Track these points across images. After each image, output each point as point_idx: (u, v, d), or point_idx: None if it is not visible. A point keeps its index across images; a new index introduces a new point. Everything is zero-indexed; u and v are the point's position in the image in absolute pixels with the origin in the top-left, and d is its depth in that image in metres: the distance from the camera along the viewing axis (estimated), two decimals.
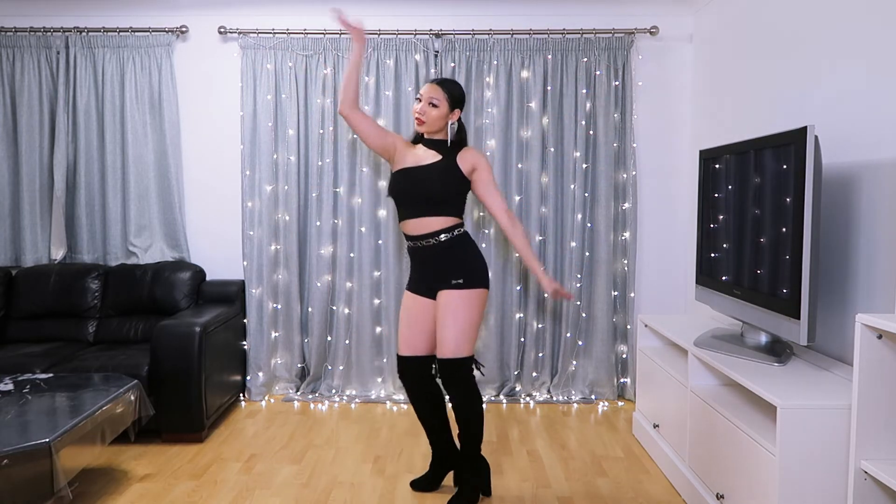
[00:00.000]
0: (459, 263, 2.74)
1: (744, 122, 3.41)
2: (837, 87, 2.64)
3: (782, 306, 2.42)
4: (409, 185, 2.76)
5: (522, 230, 2.86)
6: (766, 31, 3.19)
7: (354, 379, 4.14)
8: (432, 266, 2.77)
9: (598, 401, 4.08)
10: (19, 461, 2.21)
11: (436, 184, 2.72)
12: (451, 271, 2.72)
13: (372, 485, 2.97)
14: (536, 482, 3.00)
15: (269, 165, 4.06)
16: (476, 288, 2.74)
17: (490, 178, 2.80)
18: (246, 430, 3.62)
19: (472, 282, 2.73)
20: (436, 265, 2.75)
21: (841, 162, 2.59)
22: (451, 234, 2.74)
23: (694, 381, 2.79)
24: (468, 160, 2.78)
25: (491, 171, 2.82)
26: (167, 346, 3.37)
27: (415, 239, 2.77)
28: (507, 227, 2.82)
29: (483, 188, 2.80)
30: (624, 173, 4.06)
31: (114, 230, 4.09)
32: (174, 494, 2.87)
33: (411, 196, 2.75)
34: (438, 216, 2.73)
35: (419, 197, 2.74)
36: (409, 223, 2.78)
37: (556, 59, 4.00)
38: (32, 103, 4.03)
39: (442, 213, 2.73)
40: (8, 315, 3.92)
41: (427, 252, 2.76)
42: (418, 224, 2.75)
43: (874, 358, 1.86)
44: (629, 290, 4.10)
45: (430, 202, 2.73)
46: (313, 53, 4.04)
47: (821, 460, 2.09)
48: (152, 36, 4.05)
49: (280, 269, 4.13)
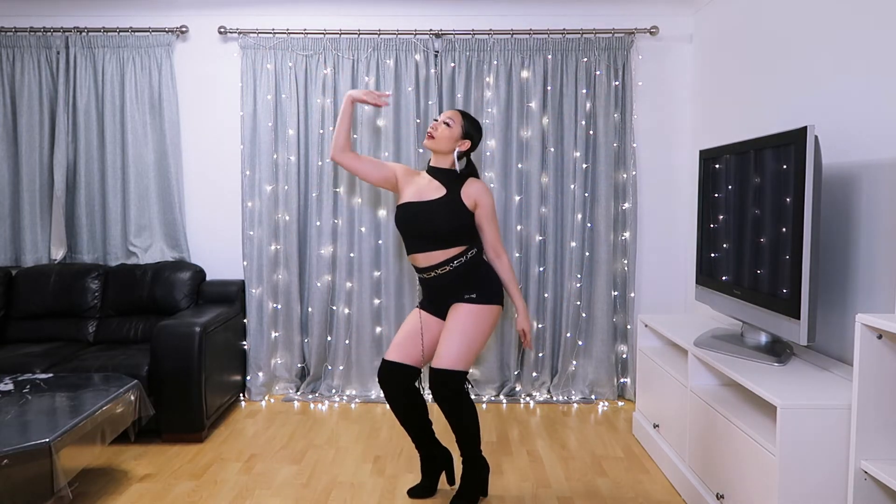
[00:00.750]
0: (472, 280, 2.72)
1: (744, 122, 3.41)
2: (837, 87, 2.64)
3: (782, 306, 2.42)
4: (415, 221, 2.73)
5: (508, 264, 2.80)
6: (766, 31, 3.19)
7: (354, 379, 4.14)
8: (445, 289, 2.74)
9: (598, 401, 4.08)
10: (19, 461, 2.21)
11: (443, 221, 2.69)
12: (465, 288, 2.71)
13: (372, 485, 2.97)
14: (536, 482, 3.00)
15: (269, 165, 4.06)
16: (489, 304, 2.71)
17: (488, 214, 2.76)
18: (246, 430, 3.62)
19: (485, 297, 2.70)
20: (449, 287, 2.73)
21: (841, 162, 2.59)
22: (462, 259, 2.72)
23: (694, 381, 2.79)
24: (471, 195, 2.74)
25: (492, 206, 2.77)
26: (167, 346, 3.37)
27: (426, 270, 2.74)
28: (493, 259, 2.80)
29: (480, 221, 2.77)
30: (624, 173, 4.06)
31: (114, 230, 4.09)
32: (174, 494, 2.87)
33: (418, 232, 2.73)
34: (448, 249, 2.71)
35: (426, 233, 2.71)
36: (419, 257, 2.75)
37: (556, 59, 4.00)
38: (32, 103, 4.03)
39: (451, 246, 2.72)
40: (8, 315, 3.92)
41: (440, 279, 2.73)
42: (428, 257, 2.73)
43: (874, 358, 1.86)
44: (629, 290, 4.10)
45: (438, 238, 2.70)
46: (313, 53, 4.04)
47: (821, 460, 2.09)
48: (152, 36, 4.05)
49: (280, 269, 4.13)
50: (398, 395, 2.74)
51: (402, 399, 2.75)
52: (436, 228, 2.69)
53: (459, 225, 2.72)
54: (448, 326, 2.68)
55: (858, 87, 2.51)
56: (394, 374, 2.74)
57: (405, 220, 2.76)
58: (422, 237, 2.72)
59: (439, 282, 2.73)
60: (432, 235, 2.70)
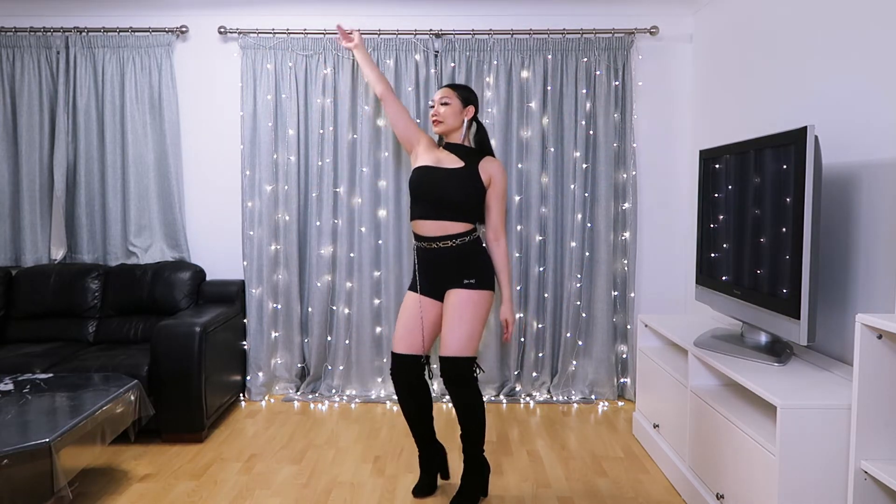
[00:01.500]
0: (472, 264, 2.76)
1: (744, 122, 3.41)
2: (837, 87, 2.64)
3: (782, 306, 2.42)
4: (429, 184, 2.77)
5: (506, 249, 2.86)
6: (766, 30, 3.19)
7: (354, 379, 4.14)
8: (443, 267, 2.77)
9: (598, 401, 4.08)
10: (19, 461, 2.21)
11: (457, 191, 2.75)
12: (464, 272, 2.75)
13: (372, 485, 2.97)
14: (536, 482, 3.00)
15: (269, 165, 4.06)
16: (485, 290, 2.77)
17: (500, 192, 2.84)
18: (246, 430, 3.62)
19: (482, 283, 2.77)
20: (447, 266, 2.76)
21: (841, 162, 2.59)
22: (465, 238, 2.77)
23: (694, 381, 2.79)
24: (488, 170, 2.82)
25: (505, 187, 2.86)
26: (167, 346, 3.37)
27: (428, 240, 2.77)
28: (491, 241, 2.87)
29: (490, 199, 2.84)
30: (624, 173, 4.06)
31: (114, 230, 4.09)
32: (174, 494, 2.87)
33: (430, 196, 2.76)
34: (456, 221, 2.76)
35: (438, 200, 2.75)
36: (425, 224, 2.77)
37: (556, 59, 4.00)
38: (32, 103, 4.03)
39: (459, 220, 2.76)
40: (8, 315, 3.92)
41: (439, 254, 2.76)
42: (434, 226, 2.76)
43: (874, 358, 1.86)
44: (629, 290, 4.10)
45: (449, 207, 2.75)
46: (313, 53, 4.04)
47: (821, 460, 2.09)
48: (152, 36, 4.05)
49: (280, 269, 4.13)
50: (410, 384, 2.79)
51: (412, 388, 2.80)
52: (450, 195, 2.74)
53: (473, 200, 2.78)
54: (450, 314, 2.73)
55: (858, 87, 2.51)
56: (406, 365, 2.79)
57: (420, 183, 2.79)
58: (433, 202, 2.76)
59: (439, 257, 2.76)
60: (444, 203, 2.75)
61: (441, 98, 2.85)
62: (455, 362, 2.68)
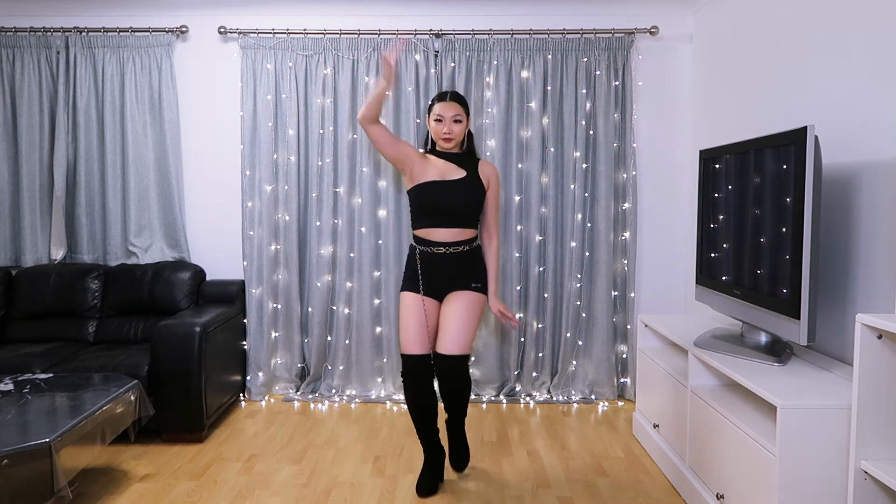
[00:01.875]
0: (478, 269, 2.96)
1: (744, 122, 3.41)
2: (837, 87, 2.64)
3: (782, 306, 2.42)
4: (442, 199, 2.89)
5: (496, 249, 3.04)
6: (766, 30, 3.19)
7: (354, 379, 4.14)
8: (451, 270, 2.91)
9: (598, 401, 4.08)
10: (19, 461, 2.21)
11: (469, 201, 2.92)
12: (472, 276, 2.93)
13: (372, 485, 2.97)
14: (536, 482, 3.00)
15: (269, 165, 4.06)
16: (484, 294, 2.98)
17: (495, 195, 3.02)
18: (246, 430, 3.62)
19: (484, 287, 2.98)
20: (456, 270, 2.91)
21: (841, 162, 2.59)
22: (474, 243, 2.97)
23: (694, 381, 2.79)
24: (486, 175, 3.00)
25: (499, 188, 3.06)
26: (167, 346, 3.37)
27: (441, 245, 2.89)
28: (485, 240, 3.04)
29: (488, 200, 3.01)
30: (624, 173, 4.06)
31: (114, 230, 4.09)
32: (174, 494, 2.87)
33: (444, 209, 2.89)
34: (467, 228, 2.94)
35: (452, 211, 2.90)
36: (439, 231, 2.90)
37: (556, 59, 4.00)
38: (32, 103, 4.03)
39: (470, 226, 2.95)
40: (8, 315, 3.92)
41: (449, 258, 2.90)
42: (448, 233, 2.90)
43: (874, 358, 1.86)
44: (629, 290, 4.10)
45: (462, 216, 2.91)
46: (313, 53, 4.04)
47: (821, 460, 2.09)
48: (152, 36, 4.05)
49: (280, 269, 4.13)
50: (423, 386, 2.86)
51: (423, 390, 2.87)
52: (462, 207, 2.90)
53: (480, 203, 2.97)
54: (456, 315, 2.84)
55: (858, 87, 2.51)
56: (420, 365, 2.87)
57: (432, 200, 2.90)
58: (445, 215, 2.89)
59: (448, 261, 2.90)
60: (456, 213, 2.90)
61: (454, 116, 2.93)
62: (457, 360, 2.81)
